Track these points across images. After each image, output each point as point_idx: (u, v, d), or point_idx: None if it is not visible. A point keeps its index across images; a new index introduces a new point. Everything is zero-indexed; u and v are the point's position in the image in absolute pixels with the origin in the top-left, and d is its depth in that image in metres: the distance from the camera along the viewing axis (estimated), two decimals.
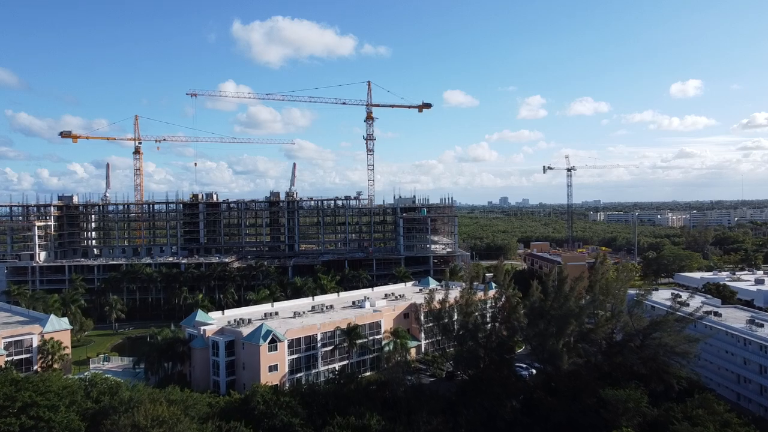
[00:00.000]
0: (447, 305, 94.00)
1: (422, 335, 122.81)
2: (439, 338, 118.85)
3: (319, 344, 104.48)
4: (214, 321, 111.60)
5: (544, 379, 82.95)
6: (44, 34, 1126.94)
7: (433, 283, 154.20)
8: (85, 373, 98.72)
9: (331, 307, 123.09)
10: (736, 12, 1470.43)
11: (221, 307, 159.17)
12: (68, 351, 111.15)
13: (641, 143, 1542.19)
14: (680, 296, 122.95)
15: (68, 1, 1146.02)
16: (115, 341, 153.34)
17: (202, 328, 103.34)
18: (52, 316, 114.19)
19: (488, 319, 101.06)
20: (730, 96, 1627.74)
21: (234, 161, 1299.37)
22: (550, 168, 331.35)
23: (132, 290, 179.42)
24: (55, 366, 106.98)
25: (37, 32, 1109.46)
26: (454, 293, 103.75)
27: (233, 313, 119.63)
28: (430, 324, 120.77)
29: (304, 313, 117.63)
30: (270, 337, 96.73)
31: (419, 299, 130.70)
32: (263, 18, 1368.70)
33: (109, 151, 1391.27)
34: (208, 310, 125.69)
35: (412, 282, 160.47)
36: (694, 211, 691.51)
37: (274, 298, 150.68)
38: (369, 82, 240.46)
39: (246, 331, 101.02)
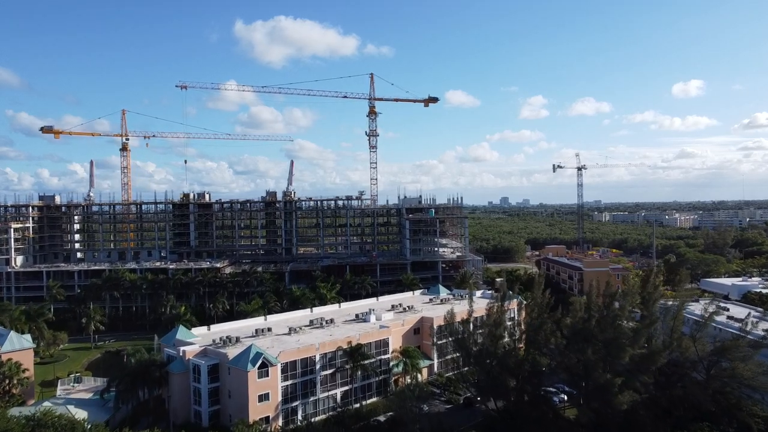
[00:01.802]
0: (472, 327, 79.27)
1: (434, 353, 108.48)
2: (455, 356, 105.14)
3: (317, 367, 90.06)
4: (197, 338, 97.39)
5: (590, 417, 68.45)
6: (45, 34, 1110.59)
7: (443, 292, 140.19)
8: (44, 403, 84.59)
9: (332, 321, 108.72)
10: (738, 12, 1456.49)
11: (210, 319, 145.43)
12: (29, 374, 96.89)
13: (642, 143, 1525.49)
14: (728, 309, 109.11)
15: (69, 1, 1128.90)
16: (92, 356, 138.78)
17: (181, 349, 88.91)
18: (12, 333, 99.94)
19: (517, 340, 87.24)
20: (731, 96, 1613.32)
21: (234, 161, 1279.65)
22: (560, 167, 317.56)
23: (115, 298, 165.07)
24: (14, 391, 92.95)
25: (37, 32, 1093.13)
26: (477, 306, 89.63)
27: (220, 329, 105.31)
28: (445, 340, 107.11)
29: (300, 328, 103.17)
30: (260, 361, 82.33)
31: (430, 311, 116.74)
32: (265, 18, 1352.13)
33: (109, 150, 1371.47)
34: (192, 324, 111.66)
35: (421, 290, 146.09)
36: (700, 212, 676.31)
37: (268, 309, 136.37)
38: (372, 74, 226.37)
39: (233, 352, 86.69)
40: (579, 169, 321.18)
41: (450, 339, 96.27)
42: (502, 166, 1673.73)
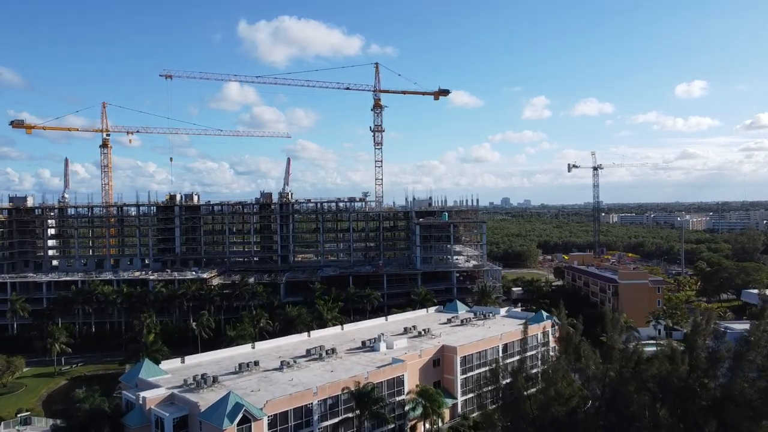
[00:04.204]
0: (525, 383, 59.39)
1: (458, 389, 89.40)
2: (484, 390, 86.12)
3: (315, 418, 70.74)
4: (167, 375, 78.33)
5: None
6: (46, 34, 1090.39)
7: (462, 309, 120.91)
8: None
9: (333, 350, 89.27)
10: (741, 13, 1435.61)
11: (193, 339, 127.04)
12: None
13: (644, 144, 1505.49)
14: None
15: (71, 3, 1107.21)
16: (55, 384, 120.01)
17: (141, 395, 69.55)
18: None
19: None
20: (734, 97, 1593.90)
21: (236, 161, 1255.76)
22: (575, 166, 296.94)
23: (87, 313, 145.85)
24: None
25: (38, 32, 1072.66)
26: (506, 330, 70.30)
27: (197, 362, 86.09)
28: (472, 373, 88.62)
29: (295, 361, 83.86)
30: (240, 415, 62.97)
31: (451, 336, 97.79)
32: (269, 18, 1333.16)
33: (113, 150, 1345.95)
34: (162, 356, 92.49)
35: (435, 307, 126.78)
36: (710, 213, 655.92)
37: (259, 330, 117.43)
38: (377, 64, 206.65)
39: (207, 399, 67.39)
40: (595, 168, 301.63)
41: (485, 376, 77.54)
42: (504, 167, 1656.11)
